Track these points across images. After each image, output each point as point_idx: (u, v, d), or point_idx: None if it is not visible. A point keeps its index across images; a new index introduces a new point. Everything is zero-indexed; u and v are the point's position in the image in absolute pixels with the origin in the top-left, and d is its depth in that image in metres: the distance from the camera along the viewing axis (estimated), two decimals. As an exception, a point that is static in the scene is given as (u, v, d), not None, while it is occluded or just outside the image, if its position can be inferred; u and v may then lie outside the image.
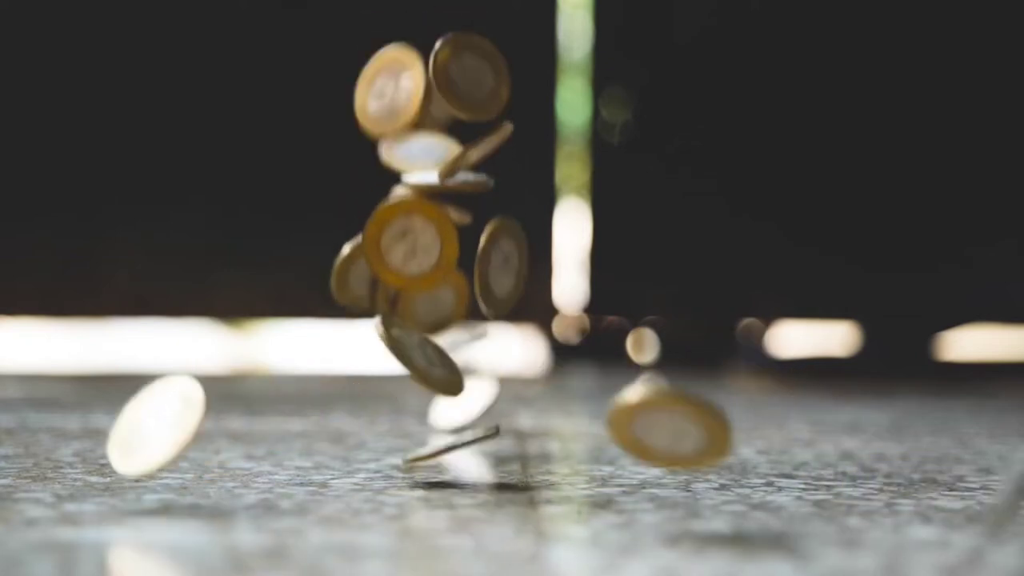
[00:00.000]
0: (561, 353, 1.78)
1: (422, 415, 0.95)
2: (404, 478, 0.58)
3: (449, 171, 0.47)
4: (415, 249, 0.58)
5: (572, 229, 1.81)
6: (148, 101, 1.69)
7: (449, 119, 0.61)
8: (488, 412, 0.75)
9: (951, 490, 0.58)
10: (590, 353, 1.77)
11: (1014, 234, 1.76)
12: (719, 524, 0.48)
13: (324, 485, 0.57)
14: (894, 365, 1.67)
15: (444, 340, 0.63)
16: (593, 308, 1.80)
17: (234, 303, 1.75)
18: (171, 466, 0.59)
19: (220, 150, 1.71)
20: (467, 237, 0.61)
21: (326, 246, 1.80)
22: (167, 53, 1.69)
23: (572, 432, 0.82)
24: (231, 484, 0.57)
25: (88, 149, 1.68)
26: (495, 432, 0.54)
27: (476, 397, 0.75)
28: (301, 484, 0.57)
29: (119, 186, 1.68)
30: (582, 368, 1.70)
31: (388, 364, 0.54)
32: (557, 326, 1.80)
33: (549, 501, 0.53)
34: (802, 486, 0.58)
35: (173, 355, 1.86)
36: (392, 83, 0.59)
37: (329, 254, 1.86)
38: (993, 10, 1.76)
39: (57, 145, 1.67)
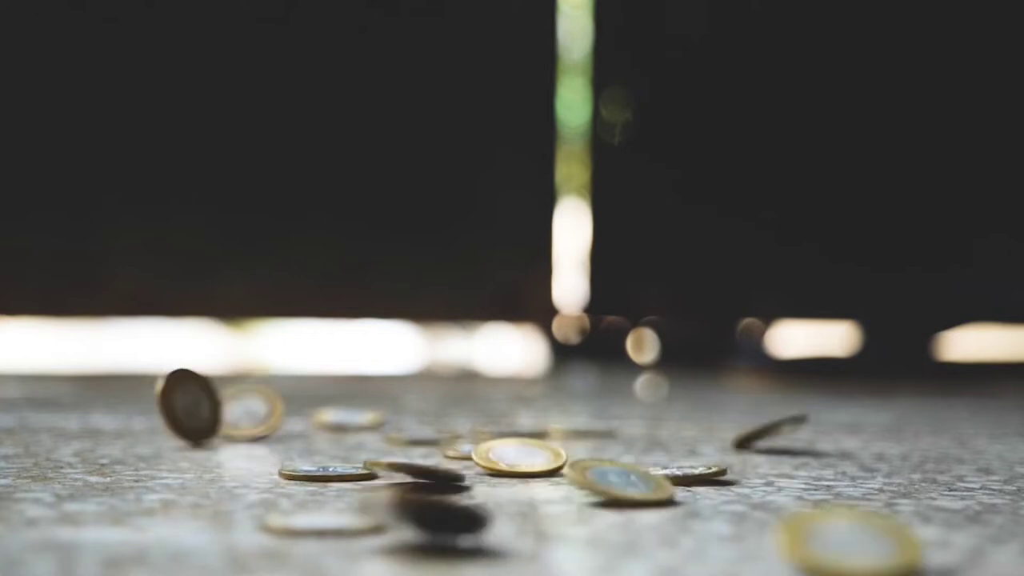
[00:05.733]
0: (561, 353, 1.78)
1: (421, 414, 0.95)
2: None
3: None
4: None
5: (572, 229, 1.81)
6: (149, 103, 1.69)
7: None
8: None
9: (951, 490, 0.58)
10: (590, 353, 1.77)
11: (1014, 234, 1.76)
12: (719, 524, 0.48)
13: (324, 484, 0.57)
14: (894, 365, 1.67)
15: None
16: (593, 308, 1.80)
17: (234, 303, 1.75)
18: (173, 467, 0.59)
19: (221, 152, 1.71)
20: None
21: (326, 246, 1.81)
22: (168, 56, 1.69)
23: (572, 431, 0.82)
24: (231, 484, 0.57)
25: (89, 151, 1.68)
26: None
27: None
28: (301, 484, 0.57)
29: (120, 187, 1.68)
30: (582, 368, 1.70)
31: (386, 364, 0.54)
32: (557, 326, 1.80)
33: (549, 501, 0.53)
34: (802, 486, 0.58)
35: (173, 355, 1.86)
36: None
37: (329, 254, 1.87)
38: (993, 10, 1.76)
39: (58, 147, 1.67)
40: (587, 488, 0.52)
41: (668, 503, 0.53)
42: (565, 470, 0.55)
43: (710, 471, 0.59)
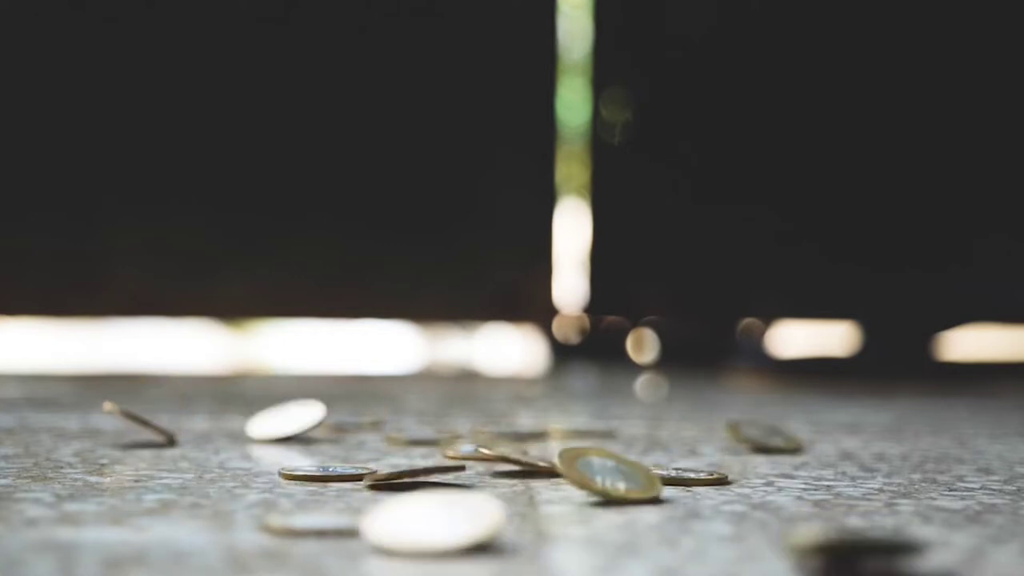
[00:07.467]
0: (561, 353, 1.78)
1: (421, 414, 0.95)
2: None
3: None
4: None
5: (572, 229, 1.81)
6: (149, 103, 1.69)
7: None
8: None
9: (951, 490, 0.58)
10: (590, 353, 1.77)
11: (1014, 234, 1.76)
12: (719, 524, 0.48)
13: (324, 484, 0.57)
14: (894, 365, 1.67)
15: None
16: (593, 308, 1.80)
17: (234, 303, 1.75)
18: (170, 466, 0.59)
19: (221, 152, 1.71)
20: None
21: (326, 246, 1.81)
22: (168, 56, 1.69)
23: (572, 431, 0.82)
24: (231, 484, 0.57)
25: (89, 151, 1.68)
26: None
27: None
28: (301, 484, 0.57)
29: (120, 187, 1.68)
30: (582, 368, 1.70)
31: (386, 364, 0.54)
32: (557, 326, 1.80)
33: (549, 501, 0.53)
34: (802, 486, 0.58)
35: (173, 355, 1.86)
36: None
37: (329, 254, 1.88)
38: (993, 10, 1.76)
39: (58, 147, 1.67)
40: (574, 480, 0.52)
41: (654, 501, 0.53)
42: (555, 459, 0.54)
43: (711, 476, 0.59)
